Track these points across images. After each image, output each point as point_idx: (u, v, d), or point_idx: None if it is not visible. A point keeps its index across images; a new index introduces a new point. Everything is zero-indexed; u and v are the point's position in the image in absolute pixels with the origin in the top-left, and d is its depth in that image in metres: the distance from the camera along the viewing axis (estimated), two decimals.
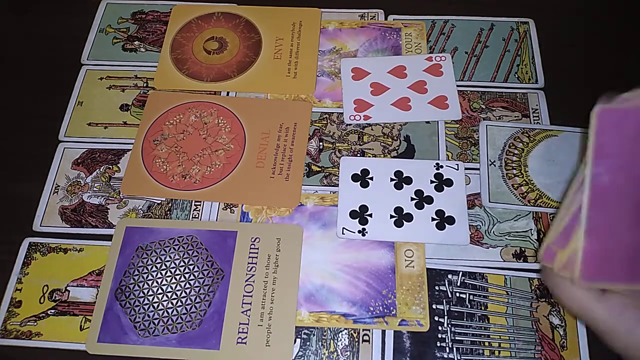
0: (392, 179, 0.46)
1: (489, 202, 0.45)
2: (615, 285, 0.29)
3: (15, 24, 0.57)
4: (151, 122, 0.50)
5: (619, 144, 0.28)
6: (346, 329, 0.41)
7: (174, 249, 0.44)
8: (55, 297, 0.42)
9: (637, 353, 0.28)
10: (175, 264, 0.43)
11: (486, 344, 0.40)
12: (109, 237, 0.45)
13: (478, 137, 0.49)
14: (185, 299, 0.42)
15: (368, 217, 0.44)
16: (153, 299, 0.42)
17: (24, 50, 0.55)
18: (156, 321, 0.41)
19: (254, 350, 0.40)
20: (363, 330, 0.41)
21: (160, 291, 0.42)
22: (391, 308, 0.41)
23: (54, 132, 0.50)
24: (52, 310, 0.42)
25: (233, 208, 0.46)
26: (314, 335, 0.41)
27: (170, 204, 0.46)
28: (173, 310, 0.41)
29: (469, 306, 0.42)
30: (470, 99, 0.51)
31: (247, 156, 0.48)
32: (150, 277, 0.43)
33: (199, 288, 0.42)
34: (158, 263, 0.43)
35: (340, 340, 0.41)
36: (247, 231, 0.44)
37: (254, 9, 0.57)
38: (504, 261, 0.43)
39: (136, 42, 0.55)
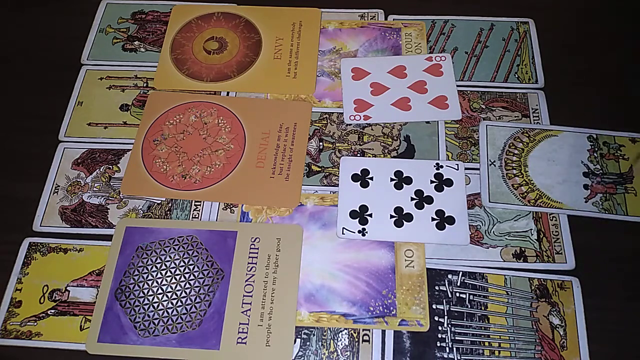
0: (392, 179, 0.46)
1: (489, 202, 0.45)
2: None
3: (15, 24, 0.57)
4: (151, 122, 0.50)
5: None
6: (346, 329, 0.41)
7: (174, 249, 0.44)
8: (55, 297, 0.42)
9: None
10: (175, 264, 0.43)
11: (486, 344, 0.40)
12: (109, 237, 0.45)
13: (478, 137, 0.49)
14: (185, 299, 0.42)
15: (368, 217, 0.44)
16: (153, 299, 0.42)
17: (24, 50, 0.55)
18: (156, 321, 0.41)
19: (254, 350, 0.40)
20: (363, 330, 0.41)
21: (160, 291, 0.42)
22: (391, 308, 0.41)
23: (54, 132, 0.50)
24: (52, 310, 0.42)
25: (233, 208, 0.46)
26: (314, 335, 0.41)
27: (170, 204, 0.46)
28: (173, 310, 0.41)
29: (469, 306, 0.42)
30: (470, 99, 0.51)
31: (247, 156, 0.48)
32: (150, 277, 0.43)
33: (199, 288, 0.42)
34: (158, 263, 0.43)
35: (340, 340, 0.41)
36: (247, 231, 0.44)
37: (254, 9, 0.57)
38: (504, 261, 0.43)
39: (136, 42, 0.55)
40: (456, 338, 0.40)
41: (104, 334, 0.41)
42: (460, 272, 0.43)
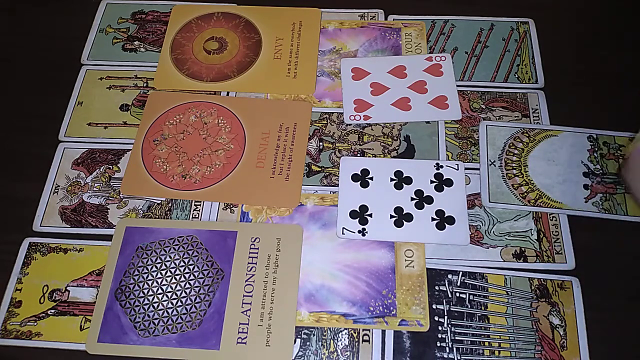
0: (392, 179, 0.46)
1: (489, 202, 0.45)
2: None
3: (16, 24, 0.57)
4: (151, 122, 0.50)
5: None
6: (346, 329, 0.41)
7: (174, 249, 0.44)
8: (55, 297, 0.43)
9: None
10: (175, 264, 0.43)
11: (486, 344, 0.40)
12: (109, 237, 0.45)
13: (478, 137, 0.49)
14: (185, 299, 0.42)
15: (368, 217, 0.44)
16: (153, 299, 0.42)
17: (24, 50, 0.55)
18: (156, 321, 0.41)
19: (254, 350, 0.40)
20: (363, 330, 0.41)
21: (160, 291, 0.42)
22: (391, 308, 0.41)
23: (54, 132, 0.50)
24: (52, 310, 0.42)
25: (233, 208, 0.46)
26: (314, 335, 0.41)
27: (170, 204, 0.46)
28: (173, 310, 0.41)
29: (469, 306, 0.42)
30: (470, 99, 0.51)
31: (247, 156, 0.48)
32: (150, 277, 0.43)
33: (199, 288, 0.42)
34: (158, 263, 0.43)
35: (340, 340, 0.41)
36: (247, 231, 0.44)
37: (254, 9, 0.57)
38: (504, 261, 0.43)
39: (136, 42, 0.55)
40: (456, 338, 0.40)
41: (104, 334, 0.41)
42: (460, 272, 0.43)
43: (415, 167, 0.47)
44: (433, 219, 0.44)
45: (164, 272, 0.43)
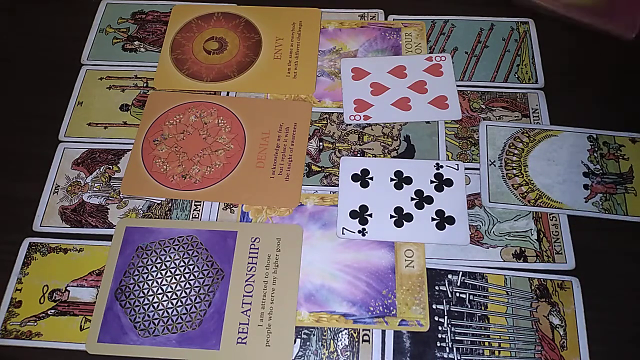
0: (392, 179, 0.46)
1: (489, 202, 0.45)
2: None
3: (16, 24, 0.57)
4: (151, 122, 0.50)
5: None
6: (346, 329, 0.41)
7: (174, 249, 0.44)
8: (55, 297, 0.43)
9: None
10: (175, 264, 0.43)
11: (486, 344, 0.40)
12: (109, 237, 0.45)
13: (478, 137, 0.49)
14: (185, 299, 0.42)
15: (368, 217, 0.44)
16: (153, 299, 0.42)
17: (24, 50, 0.55)
18: (156, 321, 0.41)
19: (254, 350, 0.40)
20: (363, 330, 0.41)
21: (160, 291, 0.42)
22: (391, 308, 0.41)
23: (54, 132, 0.50)
24: (52, 310, 0.42)
25: (233, 208, 0.46)
26: (314, 335, 0.41)
27: (170, 204, 0.46)
28: (173, 310, 0.41)
29: (469, 306, 0.42)
30: (470, 99, 0.51)
31: (247, 156, 0.48)
32: (150, 277, 0.43)
33: (199, 288, 0.42)
34: (158, 263, 0.43)
35: (340, 340, 0.41)
36: (247, 231, 0.44)
37: (254, 9, 0.57)
38: (504, 261, 0.43)
39: (136, 42, 0.55)
40: (456, 338, 0.40)
41: (104, 334, 0.41)
42: (460, 272, 0.43)
43: (415, 167, 0.47)
44: (433, 219, 0.44)
45: (164, 272, 0.43)
